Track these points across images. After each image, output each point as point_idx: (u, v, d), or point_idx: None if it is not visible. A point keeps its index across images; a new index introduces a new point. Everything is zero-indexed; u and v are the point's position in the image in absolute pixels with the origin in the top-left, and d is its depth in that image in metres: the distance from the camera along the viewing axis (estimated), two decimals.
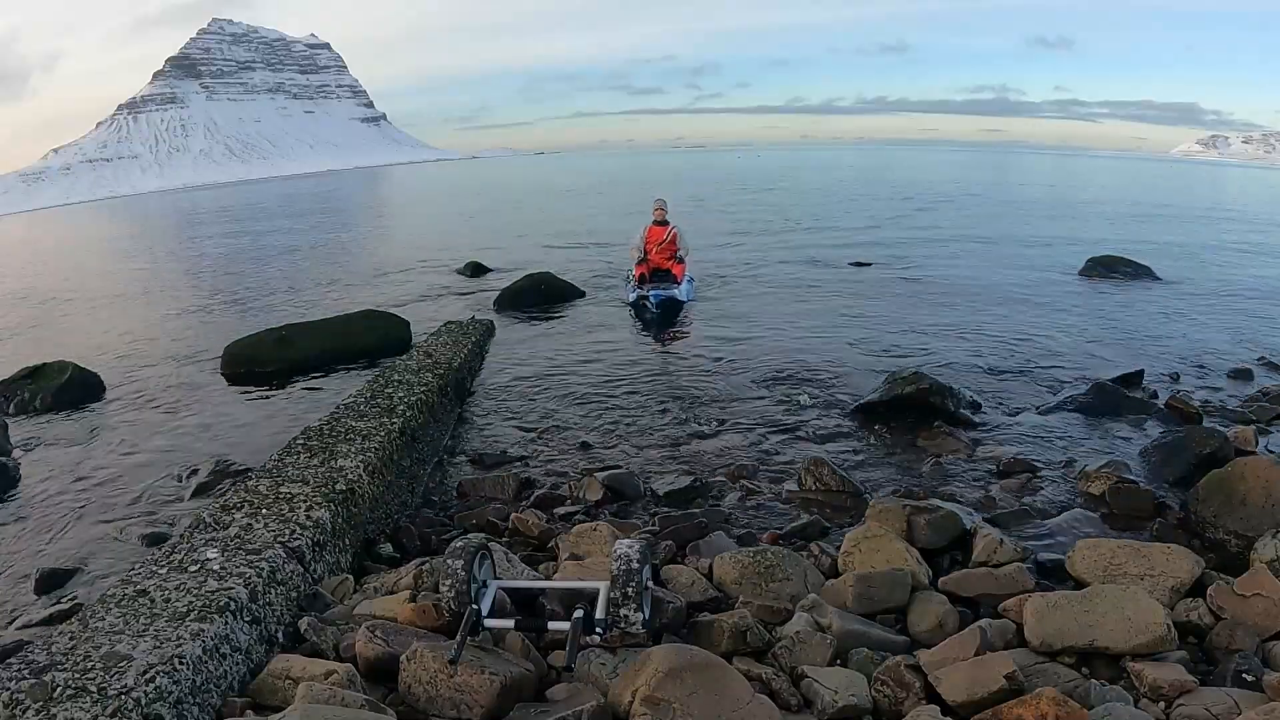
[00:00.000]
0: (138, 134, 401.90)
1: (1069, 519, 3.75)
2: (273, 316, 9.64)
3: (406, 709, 2.03)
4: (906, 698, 2.05)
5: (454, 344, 6.69)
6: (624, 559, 2.27)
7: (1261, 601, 2.43)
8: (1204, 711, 1.93)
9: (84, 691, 1.84)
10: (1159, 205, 24.90)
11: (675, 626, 2.44)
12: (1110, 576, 2.65)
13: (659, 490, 4.17)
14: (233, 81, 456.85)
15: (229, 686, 2.11)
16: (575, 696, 2.03)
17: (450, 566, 2.31)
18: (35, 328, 10.41)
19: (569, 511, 3.88)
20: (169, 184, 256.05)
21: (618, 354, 7.18)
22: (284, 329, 7.84)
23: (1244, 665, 2.14)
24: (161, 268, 16.90)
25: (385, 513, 3.64)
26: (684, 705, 1.86)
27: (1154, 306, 8.80)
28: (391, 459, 3.81)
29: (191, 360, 7.91)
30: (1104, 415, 5.15)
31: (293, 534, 2.76)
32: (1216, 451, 4.05)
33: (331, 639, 2.35)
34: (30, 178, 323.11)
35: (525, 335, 8.21)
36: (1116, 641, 2.20)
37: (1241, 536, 3.22)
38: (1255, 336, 7.40)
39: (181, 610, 2.19)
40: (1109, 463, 4.27)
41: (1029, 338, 7.25)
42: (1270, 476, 3.35)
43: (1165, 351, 6.83)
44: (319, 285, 12.52)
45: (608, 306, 9.44)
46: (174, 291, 13.06)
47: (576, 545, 3.16)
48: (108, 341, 9.10)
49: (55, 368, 6.90)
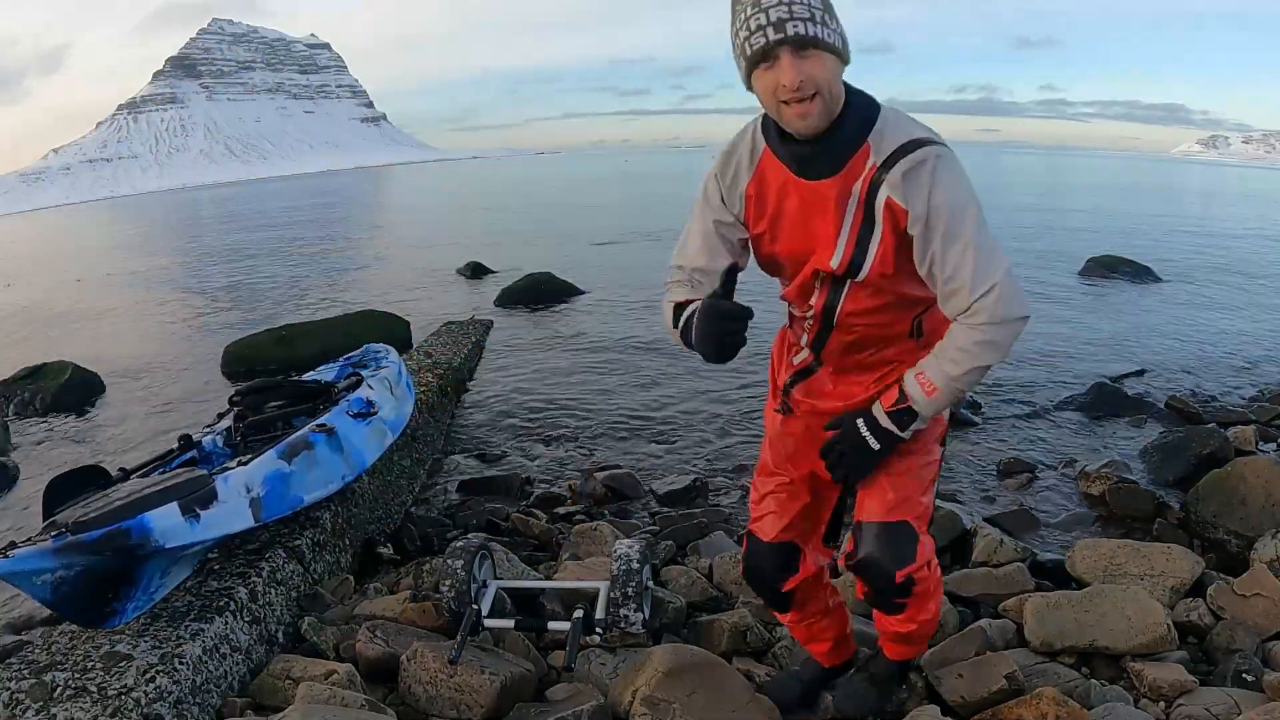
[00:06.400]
0: (138, 134, 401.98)
1: (1069, 519, 3.75)
2: (273, 316, 9.64)
3: (406, 709, 2.03)
4: (907, 698, 2.05)
5: (454, 344, 6.70)
6: (624, 559, 2.27)
7: (1261, 601, 2.43)
8: (1204, 711, 1.93)
9: (84, 691, 1.84)
10: (1159, 205, 24.93)
11: (675, 626, 2.44)
12: (1110, 576, 2.65)
13: (659, 490, 4.17)
14: (233, 81, 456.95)
15: (229, 686, 2.11)
16: (575, 696, 2.03)
17: (450, 566, 2.31)
18: (35, 328, 10.40)
19: (569, 511, 3.88)
20: (169, 184, 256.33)
21: (618, 354, 7.18)
22: (284, 329, 7.84)
23: (1244, 665, 2.14)
24: (161, 267, 16.89)
25: (385, 513, 3.63)
26: (684, 705, 1.86)
27: (1154, 306, 8.80)
28: (391, 459, 3.80)
29: (191, 360, 7.91)
30: (1104, 415, 5.15)
31: (293, 534, 2.75)
32: (1216, 451, 4.05)
33: (331, 639, 2.35)
34: (30, 178, 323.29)
35: (525, 335, 8.21)
36: (1116, 641, 2.20)
37: (1241, 536, 3.22)
38: (1256, 336, 7.40)
39: (181, 610, 2.19)
40: (1109, 463, 4.27)
41: (1029, 338, 7.22)
42: (1270, 476, 3.35)
43: (1165, 351, 6.82)
44: (319, 285, 12.52)
45: (609, 306, 9.43)
46: (174, 291, 13.05)
47: (576, 545, 3.16)
48: (108, 341, 9.10)
49: (55, 368, 6.90)
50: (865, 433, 1.52)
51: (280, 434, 2.97)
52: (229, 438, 3.18)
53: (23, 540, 1.92)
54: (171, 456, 2.91)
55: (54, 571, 1.88)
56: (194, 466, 2.69)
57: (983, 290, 1.36)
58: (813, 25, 1.29)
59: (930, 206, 1.35)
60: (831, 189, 1.42)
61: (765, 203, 1.51)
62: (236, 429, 3.20)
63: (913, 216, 1.37)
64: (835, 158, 1.40)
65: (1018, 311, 1.39)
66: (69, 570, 1.90)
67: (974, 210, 1.37)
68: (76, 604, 1.94)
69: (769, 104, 1.37)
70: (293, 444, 2.72)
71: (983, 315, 1.38)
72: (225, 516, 2.30)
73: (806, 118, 1.33)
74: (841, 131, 1.38)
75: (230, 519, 2.33)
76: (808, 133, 1.37)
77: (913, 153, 1.36)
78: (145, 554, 2.03)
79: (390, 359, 4.12)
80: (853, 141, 1.39)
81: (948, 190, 1.35)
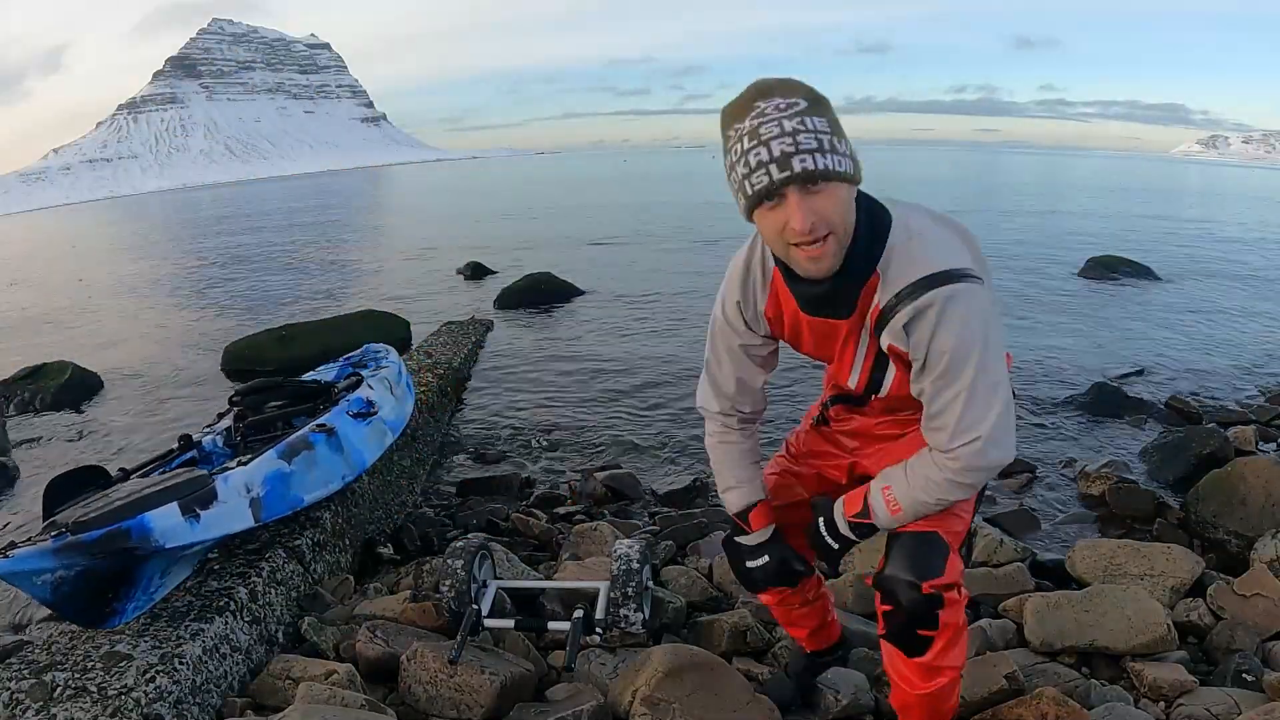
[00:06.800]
0: (138, 134, 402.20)
1: (1069, 519, 3.76)
2: (273, 316, 9.64)
3: (406, 709, 2.03)
4: None
5: (454, 344, 6.70)
6: (624, 559, 2.27)
7: (1261, 601, 2.43)
8: (1204, 711, 1.93)
9: (84, 691, 1.84)
10: (1159, 205, 24.93)
11: (675, 626, 2.44)
12: (1110, 576, 2.65)
13: (659, 490, 4.17)
14: (233, 81, 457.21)
15: (229, 686, 2.11)
16: (575, 696, 2.03)
17: (450, 566, 2.31)
18: (35, 327, 10.41)
19: (569, 511, 3.88)
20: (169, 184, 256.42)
21: (618, 354, 7.18)
22: (284, 328, 7.85)
23: (1244, 665, 2.14)
24: (161, 267, 16.90)
25: (385, 512, 3.63)
26: (684, 705, 1.86)
27: (1154, 306, 8.80)
28: (391, 459, 3.80)
29: (192, 360, 7.91)
30: (1104, 415, 5.15)
31: (293, 534, 2.75)
32: (1216, 451, 4.05)
33: (331, 639, 2.35)
34: (30, 178, 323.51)
35: (525, 335, 8.21)
36: (1116, 641, 2.20)
37: (1241, 536, 3.22)
38: (1256, 336, 7.40)
39: (181, 610, 2.19)
40: (1109, 463, 4.27)
41: (1029, 338, 7.24)
42: (1270, 476, 3.35)
43: (1165, 351, 6.82)
44: (319, 285, 12.53)
45: (608, 307, 9.44)
46: (174, 291, 13.06)
47: (576, 545, 3.16)
48: (108, 341, 9.10)
49: (55, 367, 6.90)
50: (824, 534, 1.53)
51: (280, 434, 2.97)
52: (229, 438, 3.18)
53: (23, 540, 1.92)
54: (171, 456, 2.91)
55: (54, 571, 1.88)
56: (194, 466, 2.68)
57: (965, 440, 1.31)
58: (821, 156, 1.17)
59: (930, 350, 1.29)
60: (841, 327, 1.40)
61: (784, 324, 1.49)
62: (236, 429, 3.20)
63: (913, 357, 1.33)
64: (844, 298, 1.34)
65: (997, 461, 1.34)
66: (69, 570, 1.90)
67: (977, 353, 1.28)
68: (76, 604, 1.94)
69: (775, 245, 1.29)
70: (293, 444, 2.72)
71: (959, 462, 1.33)
72: (225, 516, 2.30)
73: (819, 260, 1.24)
74: (851, 266, 1.29)
75: (230, 519, 2.33)
76: (820, 275, 1.28)
77: (918, 298, 1.27)
78: (145, 554, 2.03)
79: (390, 359, 4.13)
80: (861, 276, 1.31)
81: (951, 336, 1.27)
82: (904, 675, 1.53)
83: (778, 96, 1.20)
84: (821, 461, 1.72)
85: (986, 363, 1.29)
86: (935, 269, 1.27)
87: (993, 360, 1.31)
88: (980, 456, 1.31)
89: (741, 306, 1.49)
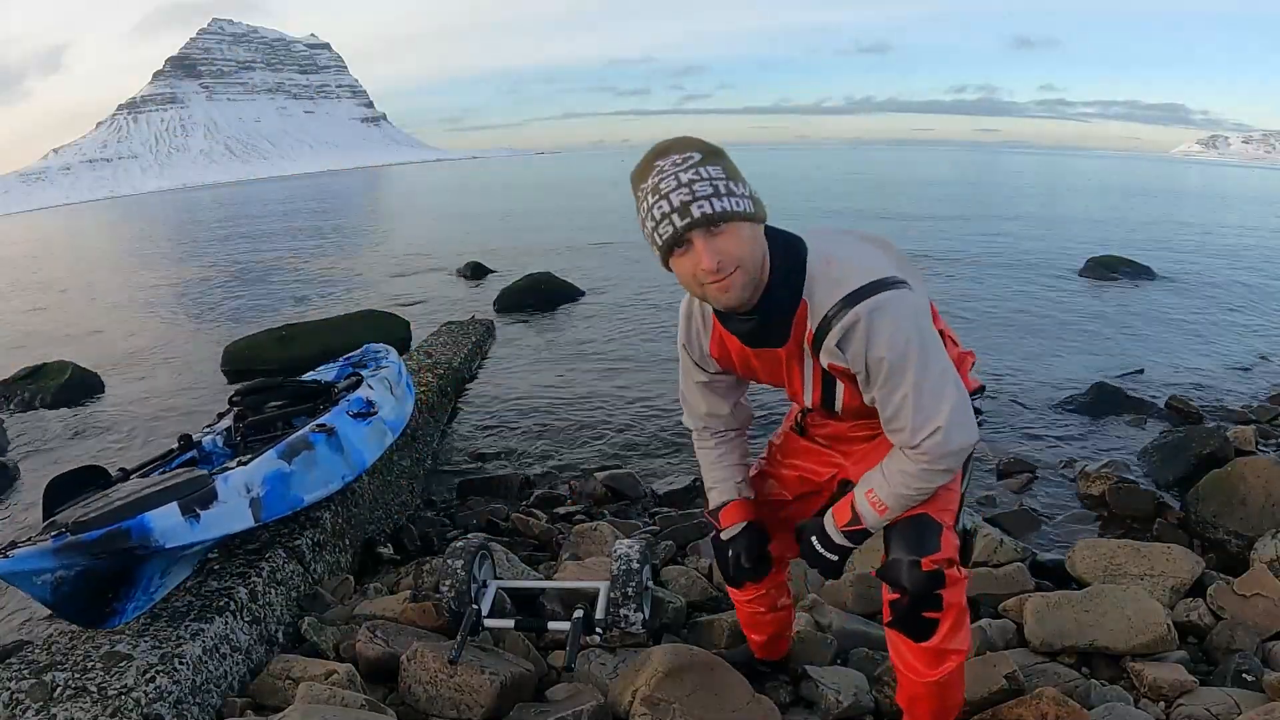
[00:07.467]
0: (138, 134, 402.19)
1: (1069, 519, 3.75)
2: (273, 316, 9.64)
3: (406, 709, 2.03)
4: None
5: (454, 344, 6.70)
6: (624, 559, 2.27)
7: (1261, 601, 2.43)
8: (1204, 711, 1.93)
9: (84, 691, 1.84)
10: (1159, 205, 24.93)
11: (675, 626, 2.44)
12: (1110, 576, 2.65)
13: (659, 490, 4.17)
14: (233, 81, 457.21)
15: (229, 686, 2.11)
16: (575, 696, 2.03)
17: (450, 566, 2.30)
18: (35, 327, 10.41)
19: (569, 511, 3.88)
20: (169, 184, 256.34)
21: (618, 354, 7.18)
22: (284, 329, 7.85)
23: (1244, 665, 2.14)
24: (161, 267, 16.90)
25: (385, 512, 3.63)
26: (684, 705, 1.86)
27: (1154, 306, 8.80)
28: (391, 459, 3.80)
29: (192, 360, 7.91)
30: (1104, 415, 5.15)
31: (293, 534, 2.75)
32: (1216, 451, 4.05)
33: (331, 639, 2.35)
34: (30, 178, 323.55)
35: (525, 335, 8.22)
36: (1116, 641, 2.20)
37: (1241, 536, 3.22)
38: (1255, 336, 7.40)
39: (181, 610, 2.19)
40: (1109, 463, 4.27)
41: (1029, 337, 7.25)
42: (1270, 476, 3.35)
43: (1165, 351, 6.83)
44: (319, 285, 12.53)
45: (608, 307, 9.44)
46: (174, 291, 13.06)
47: (576, 545, 3.16)
48: (108, 341, 9.10)
49: (55, 368, 6.91)
50: (820, 549, 1.59)
51: (280, 434, 2.97)
52: (229, 438, 3.18)
53: (23, 540, 1.92)
54: (171, 456, 2.91)
55: (54, 571, 1.88)
56: (194, 466, 2.69)
57: (926, 434, 1.37)
58: (719, 200, 1.27)
59: (869, 361, 1.35)
60: (783, 354, 1.47)
61: (733, 360, 1.57)
62: (236, 429, 3.20)
63: (854, 370, 1.39)
64: (778, 328, 1.42)
65: (962, 444, 1.40)
66: (69, 570, 1.90)
67: (914, 353, 1.34)
68: (76, 604, 1.95)
69: (692, 288, 1.37)
70: (293, 444, 2.72)
71: (927, 455, 1.39)
72: (225, 516, 2.29)
73: (729, 291, 1.32)
74: (775, 298, 1.38)
75: (230, 519, 2.32)
76: (736, 305, 1.36)
77: (844, 315, 1.33)
78: (145, 554, 2.03)
79: (390, 359, 4.12)
80: (789, 306, 1.39)
81: (883, 344, 1.33)
82: (910, 664, 1.55)
83: (674, 154, 1.30)
84: (803, 461, 1.79)
85: (926, 359, 1.35)
86: (856, 285, 1.34)
87: (932, 355, 1.37)
88: (945, 445, 1.38)
89: (687, 348, 1.62)
